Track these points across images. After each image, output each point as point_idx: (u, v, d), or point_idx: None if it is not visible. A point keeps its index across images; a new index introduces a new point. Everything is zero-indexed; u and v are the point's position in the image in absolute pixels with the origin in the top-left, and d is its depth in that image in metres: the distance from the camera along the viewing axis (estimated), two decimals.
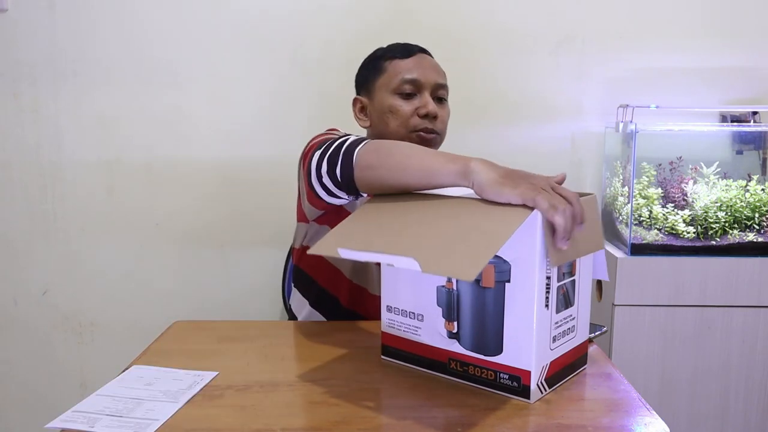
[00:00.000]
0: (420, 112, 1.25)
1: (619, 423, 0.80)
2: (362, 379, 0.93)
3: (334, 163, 1.02)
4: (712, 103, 1.85)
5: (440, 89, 1.28)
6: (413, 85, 1.26)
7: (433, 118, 1.25)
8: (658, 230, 1.64)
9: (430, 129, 1.25)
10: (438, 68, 1.31)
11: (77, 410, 0.82)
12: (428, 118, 1.25)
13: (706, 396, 1.62)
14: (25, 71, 1.83)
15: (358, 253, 0.83)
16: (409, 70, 1.26)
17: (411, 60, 1.28)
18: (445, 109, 1.30)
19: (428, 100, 1.25)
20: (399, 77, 1.26)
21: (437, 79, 1.28)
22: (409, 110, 1.25)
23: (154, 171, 1.87)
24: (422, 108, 1.25)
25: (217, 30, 1.83)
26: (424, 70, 1.27)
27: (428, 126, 1.25)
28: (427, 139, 1.26)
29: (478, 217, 0.83)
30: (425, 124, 1.25)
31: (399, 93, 1.26)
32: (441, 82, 1.28)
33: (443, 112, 1.29)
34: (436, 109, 1.25)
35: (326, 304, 1.30)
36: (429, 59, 1.31)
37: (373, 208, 0.94)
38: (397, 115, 1.26)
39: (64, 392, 1.94)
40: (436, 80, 1.27)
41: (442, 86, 1.29)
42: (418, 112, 1.25)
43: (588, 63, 1.85)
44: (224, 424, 0.80)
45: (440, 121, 1.27)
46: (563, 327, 0.88)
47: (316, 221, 1.25)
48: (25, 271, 1.91)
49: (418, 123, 1.25)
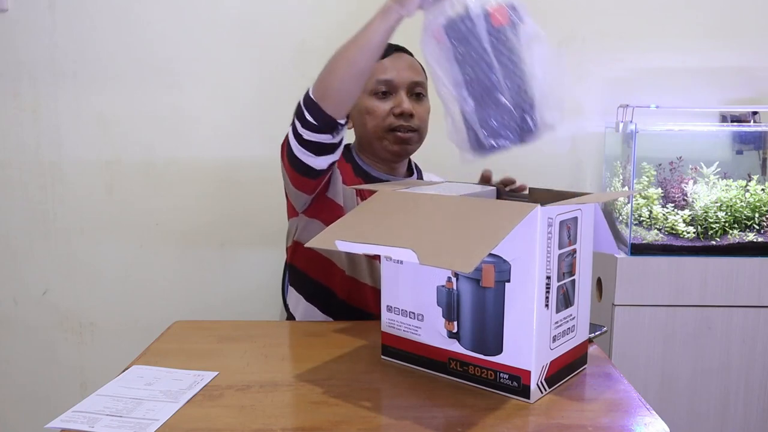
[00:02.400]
0: (395, 111, 1.26)
1: (619, 423, 0.80)
2: (362, 379, 0.93)
3: (302, 114, 1.09)
4: (712, 103, 1.85)
5: (416, 87, 1.29)
6: (388, 85, 1.27)
7: (409, 116, 1.27)
8: (658, 230, 1.64)
9: (407, 127, 1.27)
10: (414, 66, 1.31)
11: (77, 410, 0.82)
12: (404, 117, 1.26)
13: (706, 396, 1.62)
14: (25, 71, 1.83)
15: (355, 246, 0.84)
16: (383, 71, 1.27)
17: (385, 60, 1.28)
18: (424, 106, 1.31)
19: (403, 99, 1.26)
20: (374, 78, 1.27)
21: (412, 77, 1.28)
22: (385, 110, 1.27)
23: (153, 171, 1.87)
24: (397, 107, 1.26)
25: (217, 30, 1.82)
26: (399, 69, 1.28)
27: (404, 124, 1.26)
28: (404, 138, 1.27)
29: (477, 214, 0.83)
30: (401, 122, 1.26)
31: (374, 93, 1.28)
32: (416, 79, 1.29)
33: (421, 108, 1.30)
34: (411, 108, 1.26)
35: (321, 297, 1.31)
36: (405, 58, 1.31)
37: (372, 205, 0.94)
38: (373, 116, 1.28)
39: (64, 392, 1.94)
40: (411, 78, 1.28)
41: (418, 84, 1.29)
42: (394, 111, 1.27)
43: (588, 63, 1.84)
44: (224, 424, 0.80)
45: (418, 118, 1.29)
46: (563, 327, 0.88)
47: (305, 213, 1.27)
48: (25, 271, 1.91)
49: (393, 122, 1.27)
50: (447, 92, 0.94)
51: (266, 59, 1.83)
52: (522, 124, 0.92)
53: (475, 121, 0.94)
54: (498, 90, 0.91)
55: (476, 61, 0.92)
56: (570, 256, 0.88)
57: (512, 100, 0.91)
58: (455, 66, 0.93)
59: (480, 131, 0.93)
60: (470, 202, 0.89)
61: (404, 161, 1.38)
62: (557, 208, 0.83)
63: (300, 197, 1.23)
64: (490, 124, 0.92)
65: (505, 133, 0.92)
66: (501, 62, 0.90)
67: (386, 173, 1.34)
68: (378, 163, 1.34)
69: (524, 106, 0.92)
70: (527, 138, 0.94)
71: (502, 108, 0.91)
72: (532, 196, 1.03)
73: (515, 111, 0.91)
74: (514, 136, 0.93)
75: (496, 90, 0.91)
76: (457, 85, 0.94)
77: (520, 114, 0.92)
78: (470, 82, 0.93)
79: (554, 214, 0.83)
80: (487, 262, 0.85)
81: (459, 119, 0.95)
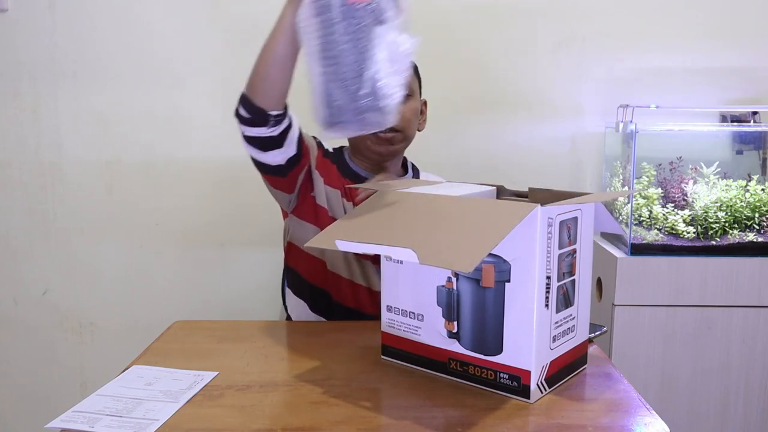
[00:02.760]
0: None
1: (619, 423, 0.80)
2: (362, 379, 0.93)
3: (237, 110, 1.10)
4: (712, 103, 1.85)
5: None
6: None
7: None
8: (658, 230, 1.64)
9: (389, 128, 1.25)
10: None
11: (77, 410, 0.82)
12: None
13: (706, 396, 1.62)
14: (25, 71, 1.83)
15: (355, 245, 0.84)
16: None
17: None
18: (407, 105, 1.29)
19: None
20: None
21: None
22: None
23: (153, 171, 1.87)
24: None
25: (217, 30, 1.82)
26: None
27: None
28: (386, 138, 1.27)
29: (477, 214, 0.83)
30: None
31: None
32: None
33: (404, 108, 1.26)
34: None
35: (318, 299, 1.31)
36: None
37: (372, 205, 0.94)
38: None
39: (64, 392, 1.94)
40: None
41: None
42: None
43: (588, 63, 1.84)
44: (224, 424, 0.80)
45: (401, 117, 1.25)
46: (563, 327, 0.88)
47: (294, 214, 1.29)
48: (25, 271, 1.91)
49: None
50: (306, 63, 0.90)
51: None
52: (360, 109, 0.87)
53: (322, 98, 0.90)
54: (341, 68, 0.86)
55: (327, 35, 0.87)
56: (570, 256, 0.88)
57: (352, 82, 0.86)
58: (312, 36, 0.88)
59: (325, 109, 0.90)
60: (470, 202, 0.89)
61: (396, 161, 1.37)
62: (557, 208, 0.83)
63: (280, 196, 1.25)
64: (334, 102, 0.88)
65: (347, 115, 0.87)
66: (351, 41, 0.85)
67: (376, 174, 1.34)
68: (367, 164, 1.34)
69: (364, 91, 0.86)
70: (367, 125, 0.89)
71: (343, 88, 0.87)
72: (532, 196, 1.03)
73: (353, 93, 0.86)
74: (355, 120, 0.88)
75: (340, 68, 0.86)
76: (311, 55, 0.90)
77: (360, 99, 0.86)
78: (320, 55, 0.88)
79: (554, 214, 0.83)
80: (487, 262, 0.85)
81: (314, 93, 0.91)
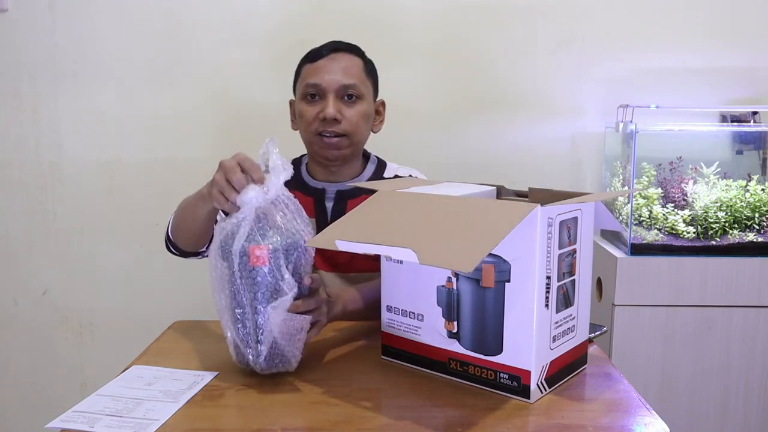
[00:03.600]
0: (320, 116, 1.23)
1: (619, 423, 0.80)
2: (362, 379, 0.93)
3: (167, 240, 1.27)
4: (712, 103, 1.85)
5: (348, 89, 1.24)
6: (316, 89, 1.24)
7: (333, 121, 1.23)
8: (658, 230, 1.64)
9: (333, 132, 1.23)
10: (348, 69, 1.25)
11: (77, 410, 0.82)
12: (328, 122, 1.23)
13: (706, 396, 1.62)
14: (25, 71, 1.83)
15: (355, 245, 0.84)
16: (313, 75, 1.25)
17: (318, 63, 1.25)
18: (355, 109, 1.25)
19: (327, 104, 1.22)
20: (304, 82, 1.26)
21: (342, 80, 1.23)
22: (313, 114, 1.24)
23: (154, 171, 1.87)
24: (321, 112, 1.23)
25: (217, 30, 1.83)
26: (328, 73, 1.24)
27: (329, 129, 1.23)
28: (331, 143, 1.24)
29: (477, 214, 0.83)
30: (325, 127, 1.23)
31: (304, 98, 1.26)
32: (346, 82, 1.23)
33: (351, 111, 1.25)
34: (333, 113, 1.22)
35: None
36: (340, 59, 1.26)
37: (372, 205, 0.94)
38: (303, 120, 1.26)
39: (64, 392, 1.94)
40: (340, 82, 1.23)
41: (348, 87, 1.24)
42: (320, 116, 1.23)
43: (588, 63, 1.84)
44: (224, 424, 0.80)
45: (347, 122, 1.24)
46: (563, 327, 0.88)
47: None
48: (25, 271, 1.91)
49: (318, 126, 1.24)
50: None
51: (266, 59, 1.83)
52: (248, 360, 0.91)
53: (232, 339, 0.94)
54: (236, 320, 0.92)
55: (230, 287, 0.92)
56: (570, 256, 0.88)
57: (241, 338, 0.91)
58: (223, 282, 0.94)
59: (234, 350, 0.94)
60: (470, 202, 0.89)
61: (348, 165, 1.32)
62: (557, 208, 0.83)
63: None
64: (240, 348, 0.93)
65: (245, 360, 0.92)
66: (246, 298, 0.90)
67: (325, 180, 1.31)
68: (319, 170, 1.31)
69: (249, 349, 0.91)
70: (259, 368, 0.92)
71: (236, 338, 0.92)
72: (533, 196, 1.03)
73: (243, 348, 0.91)
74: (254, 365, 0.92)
75: (236, 320, 0.92)
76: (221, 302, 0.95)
77: (248, 353, 0.91)
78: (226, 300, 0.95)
79: (554, 214, 0.83)
80: (487, 262, 0.85)
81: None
